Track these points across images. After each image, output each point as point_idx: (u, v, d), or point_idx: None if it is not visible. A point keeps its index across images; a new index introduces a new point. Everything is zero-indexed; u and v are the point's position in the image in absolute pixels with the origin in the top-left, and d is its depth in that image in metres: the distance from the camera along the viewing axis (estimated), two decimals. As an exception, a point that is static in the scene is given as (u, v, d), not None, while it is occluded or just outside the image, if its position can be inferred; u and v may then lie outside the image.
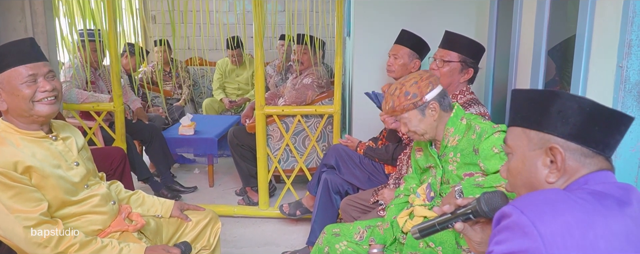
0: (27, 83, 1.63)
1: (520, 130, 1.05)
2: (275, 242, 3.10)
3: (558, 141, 0.98)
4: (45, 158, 1.67)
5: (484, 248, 1.14)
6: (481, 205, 1.11)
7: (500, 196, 1.11)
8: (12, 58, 1.62)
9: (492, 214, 1.11)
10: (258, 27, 3.02)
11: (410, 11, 3.09)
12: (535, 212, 0.87)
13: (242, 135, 3.56)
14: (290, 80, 3.83)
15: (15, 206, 1.57)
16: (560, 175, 0.99)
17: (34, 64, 1.65)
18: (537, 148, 1.01)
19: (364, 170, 2.73)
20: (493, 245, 0.91)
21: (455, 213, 1.16)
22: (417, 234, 1.23)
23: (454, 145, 1.84)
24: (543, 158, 1.00)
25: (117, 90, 3.38)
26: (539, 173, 1.01)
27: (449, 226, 1.18)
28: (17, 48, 1.65)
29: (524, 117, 1.04)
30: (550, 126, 0.99)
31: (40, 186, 1.64)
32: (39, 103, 1.66)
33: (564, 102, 0.98)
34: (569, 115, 0.97)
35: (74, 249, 1.63)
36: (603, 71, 1.56)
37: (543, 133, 1.00)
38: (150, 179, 3.66)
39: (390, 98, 1.88)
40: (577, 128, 0.96)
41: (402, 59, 2.69)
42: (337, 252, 2.04)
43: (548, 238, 0.84)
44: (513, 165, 1.06)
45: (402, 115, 1.87)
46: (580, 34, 1.68)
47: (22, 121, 1.69)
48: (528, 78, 2.14)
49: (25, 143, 1.66)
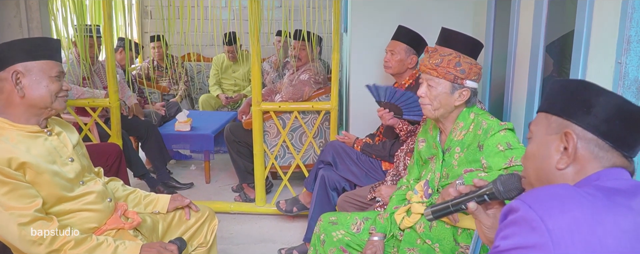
0: (56, 78, 1.71)
1: (544, 115, 1.05)
2: (272, 239, 3.10)
3: (575, 129, 0.98)
4: (40, 154, 1.66)
5: (493, 234, 1.14)
6: (497, 185, 1.12)
7: (517, 179, 1.11)
8: (47, 52, 1.71)
9: (507, 195, 1.11)
10: (254, 23, 3.00)
11: (407, 7, 3.08)
12: (544, 207, 0.86)
13: (238, 132, 3.55)
14: (287, 76, 3.81)
15: (9, 203, 1.56)
16: (570, 162, 0.98)
17: (59, 63, 1.75)
18: (554, 133, 1.01)
19: (361, 166, 2.72)
20: (499, 240, 0.90)
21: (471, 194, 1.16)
22: (430, 216, 1.23)
23: (460, 139, 1.83)
24: (557, 144, 1.00)
25: (113, 86, 3.36)
26: (551, 158, 1.00)
27: (463, 207, 1.17)
28: (50, 44, 1.74)
29: (551, 103, 1.04)
30: (572, 113, 0.99)
31: (35, 183, 1.63)
32: (59, 99, 1.73)
33: (590, 93, 0.98)
34: (592, 105, 0.96)
35: (69, 246, 1.61)
36: (602, 67, 1.55)
37: (562, 119, 1.00)
38: (146, 175, 3.65)
39: (440, 57, 1.82)
40: (597, 119, 0.96)
41: (399, 55, 2.68)
42: (334, 239, 2.02)
43: (556, 234, 0.83)
44: (529, 148, 1.06)
45: (435, 78, 1.82)
46: (578, 30, 1.67)
47: (23, 116, 1.68)
48: (526, 75, 2.13)
49: (20, 139, 1.65)
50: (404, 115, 2.50)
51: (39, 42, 1.71)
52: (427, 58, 1.85)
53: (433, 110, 1.84)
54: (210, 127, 4.05)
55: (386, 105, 2.54)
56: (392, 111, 2.52)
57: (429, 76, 1.83)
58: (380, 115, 2.57)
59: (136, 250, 1.70)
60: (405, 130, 2.51)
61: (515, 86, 2.31)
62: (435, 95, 1.82)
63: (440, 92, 1.81)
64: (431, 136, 1.97)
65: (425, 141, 2.01)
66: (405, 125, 2.52)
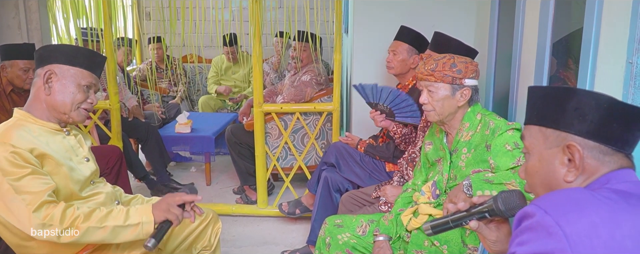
0: (84, 88, 1.75)
1: (536, 128, 1.02)
2: (275, 241, 3.08)
3: (576, 139, 0.95)
4: (58, 149, 1.71)
5: (499, 247, 1.12)
6: (498, 204, 1.09)
7: (518, 196, 1.08)
8: (87, 61, 1.75)
9: (509, 213, 1.08)
10: (256, 23, 2.98)
11: (409, 8, 3.06)
12: (560, 212, 0.84)
13: (240, 133, 3.53)
14: (289, 78, 3.79)
15: (23, 187, 1.54)
16: (579, 173, 0.96)
17: (95, 77, 1.79)
18: (554, 146, 0.98)
19: (364, 167, 2.70)
20: (515, 246, 0.88)
21: (471, 211, 1.13)
22: (430, 230, 1.20)
23: (467, 140, 1.81)
24: (560, 157, 0.97)
25: (113, 88, 3.33)
26: (557, 172, 0.98)
27: (463, 224, 1.15)
28: (92, 55, 1.79)
29: (540, 114, 1.01)
30: (567, 124, 0.96)
31: (53, 173, 1.66)
32: (80, 110, 1.76)
33: (580, 99, 0.95)
34: (586, 112, 0.94)
35: (79, 220, 1.58)
36: (612, 67, 1.53)
37: (559, 131, 0.97)
38: (146, 177, 3.62)
39: (435, 61, 1.82)
40: (595, 125, 0.94)
41: (401, 55, 2.67)
42: (339, 242, 2.00)
43: (574, 239, 0.81)
44: (530, 164, 1.03)
45: (434, 84, 1.81)
46: (587, 29, 1.65)
47: (45, 113, 1.73)
48: (532, 75, 2.11)
49: (41, 132, 1.70)
50: (396, 117, 2.47)
51: (83, 52, 1.78)
52: (422, 65, 1.85)
53: (437, 115, 1.83)
54: (211, 128, 4.02)
55: (376, 107, 2.52)
56: (384, 112, 2.50)
57: (428, 82, 1.83)
58: (372, 116, 2.55)
59: (148, 210, 1.67)
60: (400, 133, 2.49)
61: (520, 87, 2.29)
62: (437, 100, 1.81)
63: (441, 96, 1.81)
64: (438, 138, 1.96)
65: (432, 143, 1.99)
66: (400, 128, 2.49)
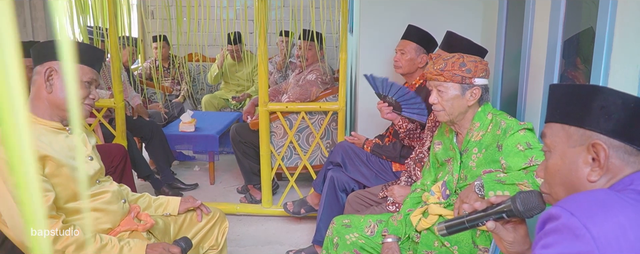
0: (87, 84, 1.75)
1: (559, 126, 1.00)
2: (279, 241, 3.06)
3: (601, 138, 0.94)
4: (61, 149, 1.69)
5: (516, 248, 1.10)
6: (517, 204, 1.07)
7: (537, 196, 1.07)
8: (86, 57, 1.74)
9: (528, 214, 1.07)
10: (261, 22, 2.96)
11: (416, 6, 3.05)
12: (586, 214, 0.83)
13: (244, 132, 3.51)
14: (294, 77, 3.78)
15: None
16: (603, 173, 0.94)
17: (96, 72, 1.79)
18: (578, 144, 0.96)
19: (370, 167, 2.69)
20: (539, 249, 0.87)
21: (488, 211, 1.12)
22: (444, 231, 1.19)
23: (477, 140, 1.80)
24: (584, 156, 0.96)
25: (118, 87, 3.32)
26: (580, 171, 0.96)
27: (480, 224, 1.13)
28: (93, 51, 1.79)
29: (564, 112, 0.99)
30: (592, 122, 0.94)
31: (54, 176, 1.63)
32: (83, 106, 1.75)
33: (606, 97, 0.94)
34: (612, 111, 0.92)
35: (70, 250, 1.58)
36: (626, 68, 1.52)
37: (584, 130, 0.96)
38: (151, 176, 3.61)
39: (444, 61, 1.80)
40: (620, 124, 0.92)
41: (409, 54, 2.65)
42: (347, 242, 1.99)
43: (601, 241, 0.80)
44: (551, 162, 1.01)
45: (444, 83, 1.80)
46: (600, 29, 1.64)
47: (47, 112, 1.71)
48: (542, 76, 2.09)
49: (43, 132, 1.68)
50: (403, 111, 2.46)
51: (82, 47, 1.76)
52: (431, 65, 1.83)
53: (447, 115, 1.82)
54: (215, 127, 4.01)
55: (385, 99, 2.51)
56: (391, 105, 2.49)
57: (437, 82, 1.81)
58: (379, 107, 2.54)
59: (141, 250, 1.68)
60: (405, 128, 2.48)
61: (529, 87, 2.27)
62: (446, 99, 1.80)
63: (451, 96, 1.79)
64: (448, 138, 1.94)
65: (442, 143, 1.98)
66: (405, 123, 2.48)
